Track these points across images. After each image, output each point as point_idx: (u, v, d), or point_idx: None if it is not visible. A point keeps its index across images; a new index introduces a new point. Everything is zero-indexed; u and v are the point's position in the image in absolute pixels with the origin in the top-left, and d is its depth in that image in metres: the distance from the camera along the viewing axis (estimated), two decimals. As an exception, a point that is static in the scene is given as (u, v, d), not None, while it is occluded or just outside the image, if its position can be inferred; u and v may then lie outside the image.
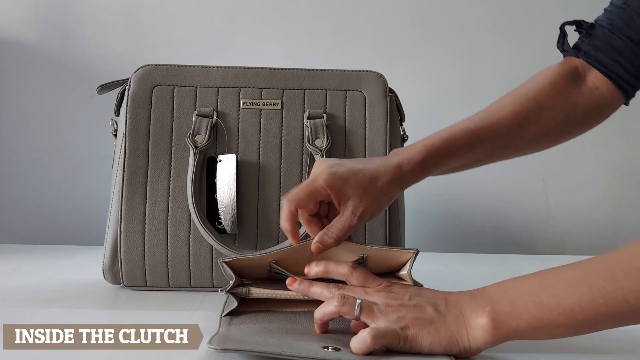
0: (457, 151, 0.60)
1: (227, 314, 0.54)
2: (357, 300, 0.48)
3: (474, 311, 0.46)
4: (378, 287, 0.52)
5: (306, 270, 0.56)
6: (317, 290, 0.53)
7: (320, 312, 0.50)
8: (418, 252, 0.58)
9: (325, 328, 0.51)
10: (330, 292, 0.52)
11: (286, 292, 0.55)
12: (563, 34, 0.67)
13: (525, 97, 0.64)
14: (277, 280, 0.59)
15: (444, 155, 0.60)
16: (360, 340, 0.45)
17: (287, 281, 0.55)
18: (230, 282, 0.55)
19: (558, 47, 0.68)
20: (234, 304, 0.54)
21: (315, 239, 0.56)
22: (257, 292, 0.55)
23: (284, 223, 0.56)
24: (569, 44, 0.67)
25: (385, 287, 0.52)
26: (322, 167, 0.57)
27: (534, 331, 0.44)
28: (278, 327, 0.51)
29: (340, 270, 0.55)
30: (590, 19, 0.67)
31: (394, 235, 0.72)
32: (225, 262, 0.56)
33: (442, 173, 0.63)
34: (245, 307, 0.56)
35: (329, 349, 0.45)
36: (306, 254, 0.57)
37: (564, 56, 0.67)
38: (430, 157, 0.59)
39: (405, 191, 0.76)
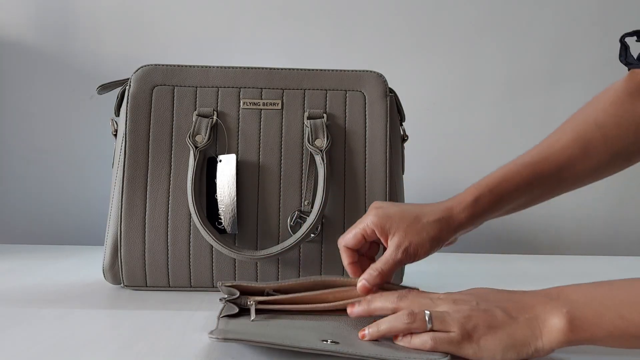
0: (513, 188, 0.57)
1: (225, 316, 0.54)
2: (426, 313, 0.46)
3: (549, 313, 0.44)
4: (440, 296, 0.50)
5: (349, 310, 0.54)
6: (379, 305, 0.51)
7: (386, 327, 0.47)
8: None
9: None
10: (392, 303, 0.50)
11: (293, 306, 0.55)
12: (624, 46, 0.62)
13: (585, 121, 0.60)
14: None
15: (497, 193, 0.57)
16: (421, 343, 0.45)
17: (348, 309, 0.53)
18: (234, 296, 0.55)
19: (621, 61, 0.63)
20: (233, 310, 0.54)
21: (362, 276, 0.55)
22: (263, 304, 0.55)
23: (345, 264, 0.59)
24: (632, 55, 0.61)
25: (446, 295, 0.50)
26: (371, 208, 0.58)
27: (611, 340, 0.43)
28: (277, 322, 0.52)
29: (387, 305, 0.51)
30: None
31: (394, 235, 0.72)
32: (225, 286, 0.56)
33: (501, 214, 0.60)
34: (243, 311, 0.56)
35: (328, 342, 0.46)
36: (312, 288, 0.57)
37: (629, 69, 0.62)
38: (483, 196, 0.57)
39: (405, 191, 0.76)
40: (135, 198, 0.68)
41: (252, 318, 0.52)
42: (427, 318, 0.46)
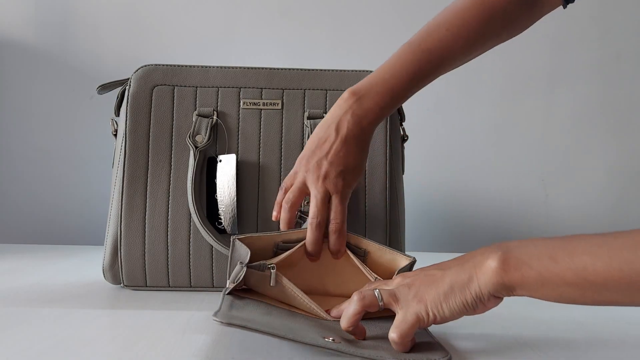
0: (409, 92, 0.63)
1: (229, 293, 0.53)
2: (375, 290, 0.48)
3: (484, 256, 0.46)
4: (396, 278, 0.53)
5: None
6: (344, 304, 0.54)
7: (345, 319, 0.48)
8: (415, 260, 0.58)
9: (364, 333, 0.49)
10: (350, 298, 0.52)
11: (301, 296, 0.55)
12: None
13: (469, 28, 0.64)
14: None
15: (401, 98, 0.62)
16: (394, 345, 0.46)
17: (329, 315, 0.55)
18: (247, 257, 0.55)
19: None
20: (242, 273, 0.53)
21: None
22: (287, 283, 0.55)
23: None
24: None
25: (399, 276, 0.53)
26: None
27: (541, 284, 0.43)
28: (279, 314, 0.52)
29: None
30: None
31: (394, 235, 0.72)
32: (238, 239, 0.56)
33: None
34: (247, 293, 0.55)
35: (330, 340, 0.46)
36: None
37: None
38: (388, 106, 0.61)
39: (405, 191, 0.76)
40: (135, 198, 0.68)
41: (272, 284, 0.53)
42: (376, 294, 0.48)
